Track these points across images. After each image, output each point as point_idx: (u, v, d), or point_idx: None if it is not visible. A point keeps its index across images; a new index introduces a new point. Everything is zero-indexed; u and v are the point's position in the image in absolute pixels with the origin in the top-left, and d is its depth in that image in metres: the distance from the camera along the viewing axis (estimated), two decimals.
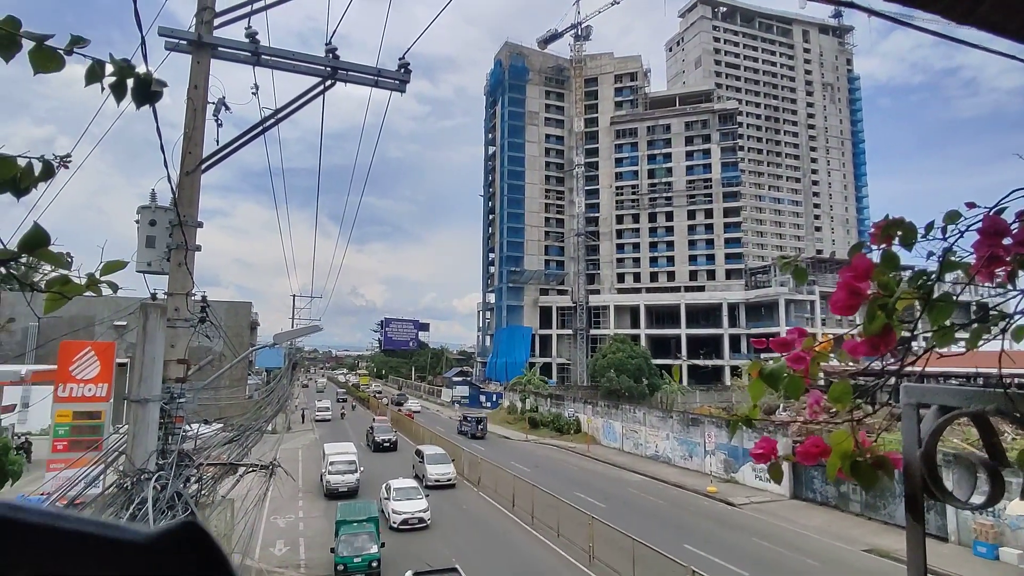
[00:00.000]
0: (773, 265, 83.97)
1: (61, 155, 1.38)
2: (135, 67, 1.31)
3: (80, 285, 1.23)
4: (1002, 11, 1.30)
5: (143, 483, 4.87)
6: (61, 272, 1.20)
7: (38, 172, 1.24)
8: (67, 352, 16.05)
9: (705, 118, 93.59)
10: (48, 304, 1.23)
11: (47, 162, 1.25)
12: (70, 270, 1.21)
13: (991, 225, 1.21)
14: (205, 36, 6.64)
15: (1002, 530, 20.68)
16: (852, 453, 1.32)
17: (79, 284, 1.23)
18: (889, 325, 1.25)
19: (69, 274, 1.21)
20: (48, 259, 1.15)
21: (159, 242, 6.48)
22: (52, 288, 1.20)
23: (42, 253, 1.13)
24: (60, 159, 1.36)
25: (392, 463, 36.65)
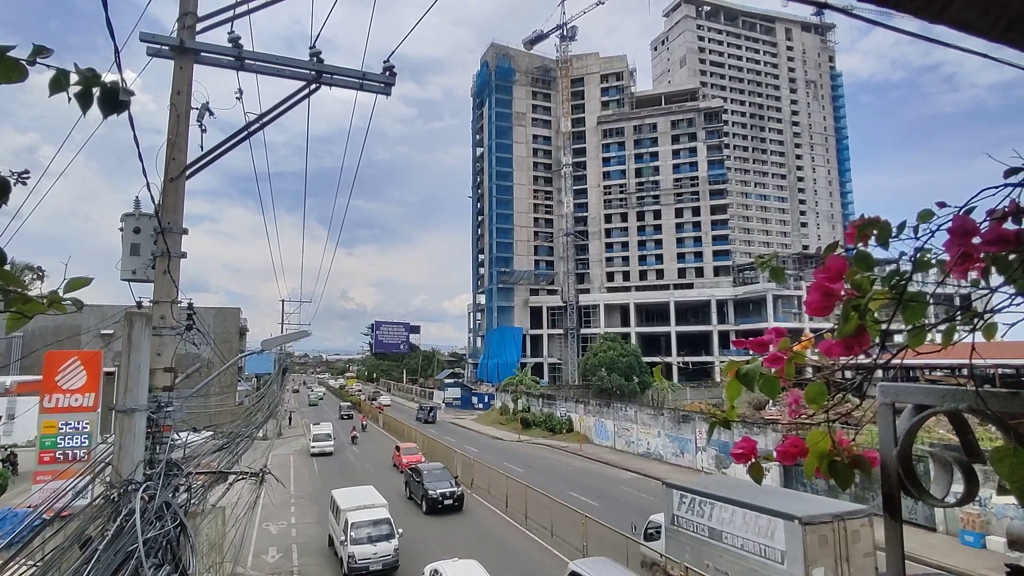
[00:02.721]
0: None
1: (18, 171, 1.35)
2: (100, 76, 1.29)
3: (40, 304, 1.20)
4: (973, 9, 1.32)
5: (130, 494, 4.82)
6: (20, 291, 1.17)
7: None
8: (53, 362, 15.83)
9: (691, 116, 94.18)
10: (9, 323, 1.21)
11: (2, 179, 1.22)
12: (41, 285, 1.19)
13: (960, 225, 1.23)
14: (187, 41, 6.59)
15: (988, 519, 20.96)
16: (829, 452, 1.34)
17: (39, 303, 1.20)
18: (863, 325, 1.27)
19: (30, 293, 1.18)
20: (5, 279, 1.12)
21: (144, 250, 6.42)
22: (12, 308, 1.18)
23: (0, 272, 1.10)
24: (17, 175, 1.34)
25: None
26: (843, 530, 14.02)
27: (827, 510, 14.62)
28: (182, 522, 5.05)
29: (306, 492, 30.87)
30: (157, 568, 4.59)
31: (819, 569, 13.53)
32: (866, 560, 14.14)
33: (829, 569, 13.59)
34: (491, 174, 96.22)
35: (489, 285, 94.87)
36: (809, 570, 13.44)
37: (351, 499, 21.10)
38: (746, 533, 15.09)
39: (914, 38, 1.98)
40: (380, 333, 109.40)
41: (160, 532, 4.75)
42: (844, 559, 13.78)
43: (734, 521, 15.49)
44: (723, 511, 15.91)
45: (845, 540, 13.96)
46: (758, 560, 14.61)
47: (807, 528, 13.64)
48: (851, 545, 14.04)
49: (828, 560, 13.63)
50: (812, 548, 13.59)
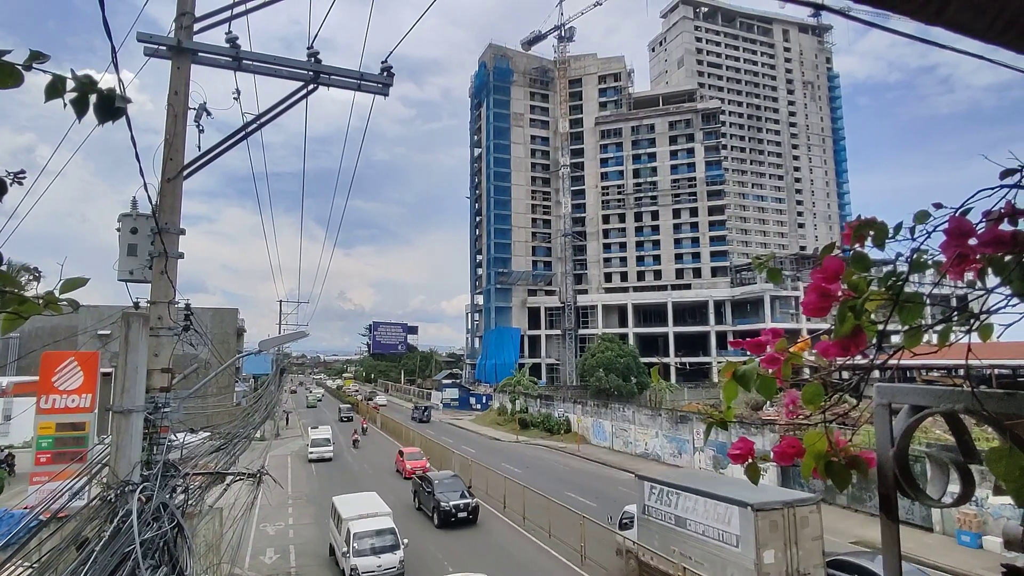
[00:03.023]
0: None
1: (14, 171, 1.35)
2: (97, 82, 1.29)
3: (36, 305, 1.20)
4: (970, 12, 1.32)
5: (127, 495, 4.81)
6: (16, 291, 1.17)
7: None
8: (49, 363, 15.78)
9: (688, 117, 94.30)
10: (4, 324, 1.20)
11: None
12: (37, 285, 1.18)
13: (956, 226, 1.24)
14: (185, 42, 6.58)
15: (985, 519, 21.02)
16: (826, 453, 1.35)
17: (35, 304, 1.20)
18: (859, 326, 1.27)
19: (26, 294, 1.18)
20: (0, 279, 1.12)
21: (141, 250, 6.40)
22: (7, 308, 1.17)
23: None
24: (13, 175, 1.33)
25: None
26: (792, 516, 15.17)
27: (778, 498, 15.95)
28: (179, 523, 5.04)
29: (304, 493, 30.84)
30: (154, 569, 4.58)
31: (769, 551, 14.66)
32: (814, 544, 15.32)
33: (779, 551, 14.71)
34: (489, 175, 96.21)
35: (487, 286, 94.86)
36: (760, 552, 14.56)
37: (353, 507, 19.93)
38: (707, 520, 16.32)
39: (911, 40, 1.99)
40: (378, 334, 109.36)
41: (157, 533, 4.74)
42: (793, 542, 14.94)
43: (697, 509, 16.72)
44: (687, 500, 17.14)
45: (794, 525, 15.10)
46: (717, 544, 15.82)
47: (759, 514, 14.79)
48: (800, 530, 15.20)
49: (778, 543, 14.79)
50: (763, 532, 14.75)
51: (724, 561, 15.50)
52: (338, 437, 47.58)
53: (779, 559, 14.71)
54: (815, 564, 15.15)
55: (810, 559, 15.11)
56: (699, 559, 16.22)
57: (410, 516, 25.68)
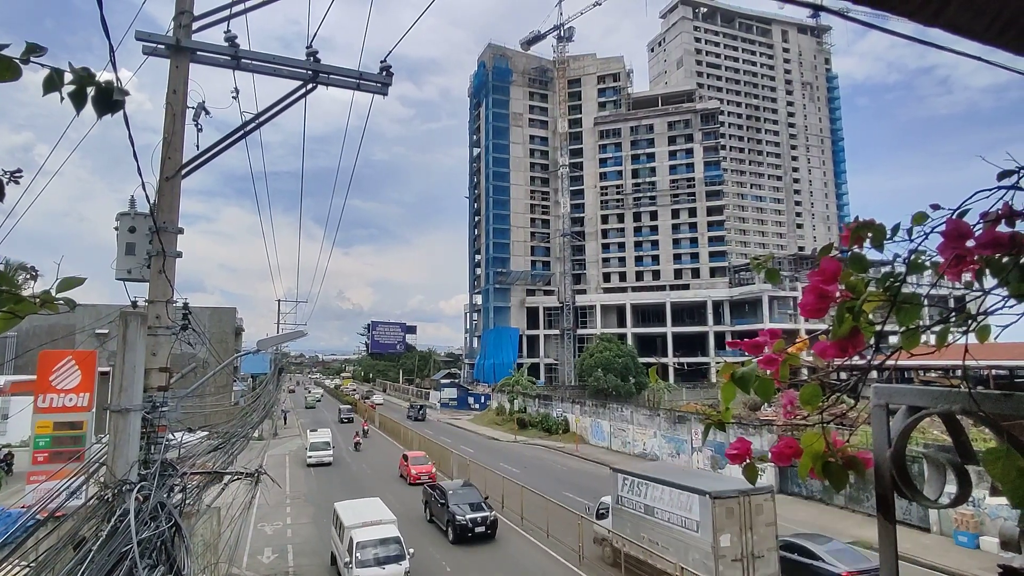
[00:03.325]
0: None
1: (11, 170, 1.34)
2: (95, 75, 1.28)
3: (32, 304, 1.20)
4: (968, 13, 1.33)
5: (125, 494, 4.80)
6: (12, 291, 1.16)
7: None
8: (47, 362, 15.75)
9: (687, 118, 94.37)
10: (0, 323, 1.20)
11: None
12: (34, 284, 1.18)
13: (954, 228, 1.24)
14: (184, 40, 6.57)
15: (982, 520, 21.07)
16: (823, 454, 1.35)
17: (31, 303, 1.19)
18: (857, 327, 1.28)
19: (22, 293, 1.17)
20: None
21: (139, 249, 6.40)
22: (3, 307, 1.17)
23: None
24: (10, 174, 1.33)
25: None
26: (748, 504, 16.40)
27: (734, 487, 16.94)
28: (177, 522, 5.03)
29: (302, 493, 30.81)
30: (152, 569, 4.57)
31: (726, 535, 15.96)
32: (767, 529, 16.60)
33: (735, 536, 16.02)
34: (488, 174, 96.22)
35: (486, 285, 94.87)
36: (717, 536, 15.87)
37: (356, 514, 19.01)
38: (672, 508, 17.68)
39: (909, 41, 1.99)
40: (376, 333, 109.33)
41: (155, 533, 4.73)
42: (748, 528, 16.21)
43: (663, 498, 18.08)
44: (655, 490, 18.50)
45: (749, 512, 16.35)
46: (680, 530, 17.18)
47: (716, 501, 16.09)
48: (754, 516, 16.45)
49: (734, 528, 16.10)
50: (720, 518, 16.04)
51: (686, 545, 16.80)
52: (338, 440, 45.83)
53: (735, 543, 15.99)
54: (769, 548, 16.42)
55: (764, 543, 16.37)
56: (665, 544, 17.53)
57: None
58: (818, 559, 16.52)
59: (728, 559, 15.83)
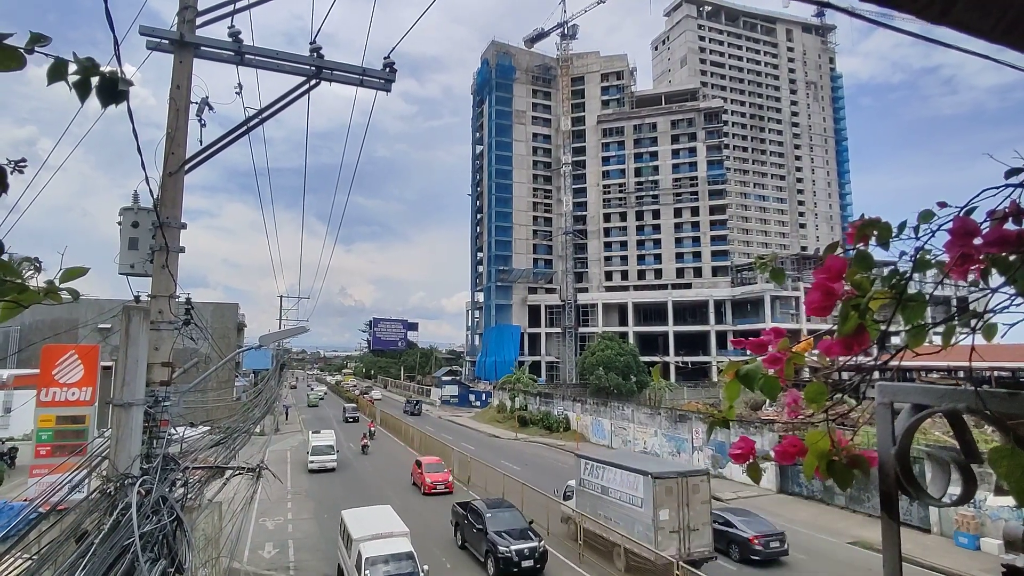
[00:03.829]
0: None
1: (15, 159, 1.34)
2: (99, 65, 1.28)
3: (36, 293, 1.20)
4: (975, 11, 1.32)
5: (127, 488, 4.81)
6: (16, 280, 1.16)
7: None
8: (50, 356, 15.79)
9: (691, 116, 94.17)
10: (3, 312, 1.20)
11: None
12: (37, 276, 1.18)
13: (961, 226, 1.23)
14: (187, 35, 6.57)
15: (983, 521, 21.04)
16: (828, 452, 1.34)
17: (35, 292, 1.19)
18: (863, 325, 1.27)
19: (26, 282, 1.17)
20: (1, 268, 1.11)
21: (142, 244, 6.41)
22: (7, 296, 1.17)
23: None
24: (14, 163, 1.33)
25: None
26: (685, 484, 18.78)
27: (674, 469, 20.11)
28: (179, 516, 5.05)
29: (303, 488, 30.87)
30: (153, 562, 4.58)
31: (664, 510, 18.34)
32: (703, 506, 19.00)
33: (672, 511, 18.41)
34: (491, 172, 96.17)
35: (488, 283, 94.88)
36: (657, 511, 18.25)
37: (365, 524, 17.64)
38: (622, 488, 19.93)
39: (916, 39, 1.98)
40: (378, 330, 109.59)
41: (156, 526, 4.74)
42: (685, 504, 18.61)
43: (616, 480, 20.33)
44: (610, 473, 20.78)
45: (686, 491, 18.71)
46: (629, 507, 19.43)
47: (656, 481, 18.48)
48: (691, 495, 18.77)
49: (672, 504, 18.47)
50: (660, 496, 18.41)
51: (633, 519, 19.16)
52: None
53: (673, 517, 18.36)
54: (703, 522, 18.83)
55: (699, 518, 18.77)
56: (617, 519, 19.82)
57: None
58: (733, 527, 20.28)
59: (667, 531, 18.20)
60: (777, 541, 20.01)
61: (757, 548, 19.65)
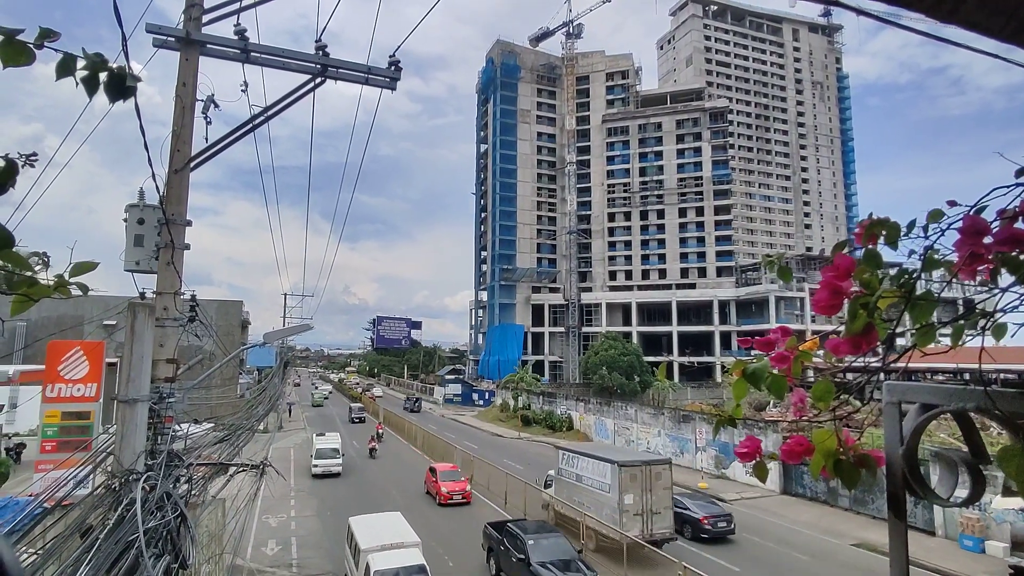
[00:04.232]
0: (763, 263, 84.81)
1: (26, 153, 1.35)
2: (107, 60, 1.29)
3: (47, 287, 1.20)
4: (985, 10, 1.31)
5: (131, 484, 4.83)
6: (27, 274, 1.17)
7: (1, 171, 1.20)
8: (55, 352, 15.86)
9: (696, 116, 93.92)
10: (15, 306, 1.20)
11: (10, 160, 1.22)
12: (46, 271, 1.18)
13: (971, 224, 1.22)
14: (193, 33, 6.58)
15: (988, 524, 20.94)
16: (835, 452, 1.34)
17: (46, 286, 1.20)
18: (871, 324, 1.26)
19: (36, 276, 1.18)
20: (12, 261, 1.12)
21: (147, 241, 6.42)
22: (18, 290, 1.17)
23: (6, 255, 1.10)
24: (25, 157, 1.33)
25: None
26: (649, 471, 20.83)
27: (639, 458, 22.42)
28: (182, 513, 5.07)
29: (306, 486, 30.94)
30: (157, 558, 4.60)
31: (629, 495, 20.26)
32: (665, 492, 20.96)
33: (636, 495, 20.34)
34: (495, 171, 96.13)
35: (491, 282, 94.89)
36: (622, 496, 20.18)
37: (373, 533, 16.71)
38: (593, 475, 21.95)
39: (924, 38, 1.97)
40: (382, 328, 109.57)
41: (161, 522, 4.76)
42: (648, 490, 20.59)
43: (588, 468, 22.41)
44: (583, 462, 22.88)
45: (650, 478, 20.73)
46: (598, 492, 21.40)
47: (622, 469, 20.52)
48: (654, 481, 20.78)
49: (636, 490, 20.43)
50: (625, 482, 20.38)
51: (601, 503, 21.06)
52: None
53: (636, 501, 20.28)
54: (665, 506, 20.75)
55: (661, 503, 20.73)
56: (589, 504, 21.68)
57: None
58: (688, 509, 22.44)
59: (631, 513, 20.10)
60: (724, 521, 22.30)
61: (707, 527, 21.90)
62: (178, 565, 4.92)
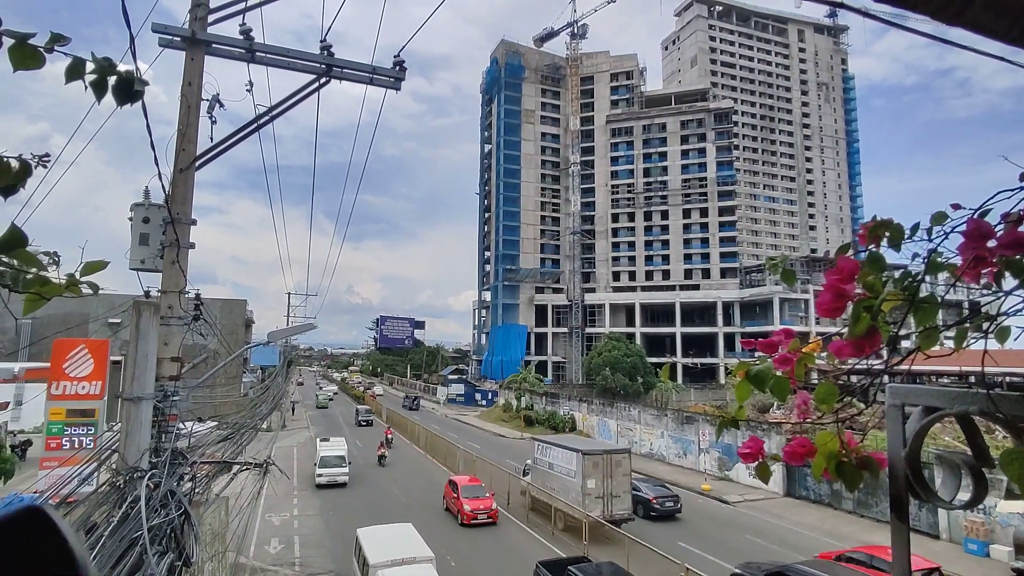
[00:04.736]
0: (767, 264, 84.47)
1: (39, 154, 1.36)
2: (116, 65, 1.30)
3: (59, 286, 1.22)
4: (991, 13, 1.30)
5: (136, 481, 4.86)
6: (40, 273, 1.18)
7: (15, 171, 1.22)
8: (61, 350, 15.96)
9: (700, 117, 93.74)
10: (27, 305, 1.22)
11: (24, 161, 1.24)
12: (56, 269, 1.20)
13: (975, 228, 1.22)
14: (199, 33, 6.61)
15: (992, 527, 20.84)
16: (837, 454, 1.34)
17: (58, 285, 1.21)
18: (875, 327, 1.26)
19: (49, 275, 1.20)
20: (25, 260, 1.13)
21: (153, 239, 6.45)
22: (31, 289, 1.19)
23: (19, 254, 1.11)
24: (38, 158, 1.35)
25: None
26: (609, 459, 23.42)
27: (601, 448, 25.43)
28: (186, 511, 5.09)
29: (309, 485, 30.99)
30: (161, 556, 4.62)
31: (591, 480, 22.76)
32: (624, 478, 23.47)
33: (598, 480, 22.83)
34: (499, 171, 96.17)
35: (495, 282, 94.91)
36: (585, 480, 22.67)
37: (383, 547, 15.62)
38: (562, 463, 24.43)
39: (929, 40, 1.97)
40: (385, 328, 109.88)
41: (164, 520, 4.78)
42: (609, 476, 23.08)
43: (558, 457, 24.94)
44: (555, 451, 25.41)
45: (610, 465, 23.26)
46: (566, 478, 23.84)
47: (585, 457, 23.09)
48: (615, 468, 23.27)
49: (598, 475, 22.91)
50: (587, 468, 22.85)
51: (568, 488, 23.43)
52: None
53: (598, 485, 22.76)
54: (624, 490, 23.33)
55: (621, 487, 23.24)
56: (559, 489, 24.05)
57: None
58: (640, 491, 25.26)
59: (593, 496, 22.50)
60: (671, 502, 25.52)
61: (656, 507, 25.08)
62: (182, 563, 4.94)
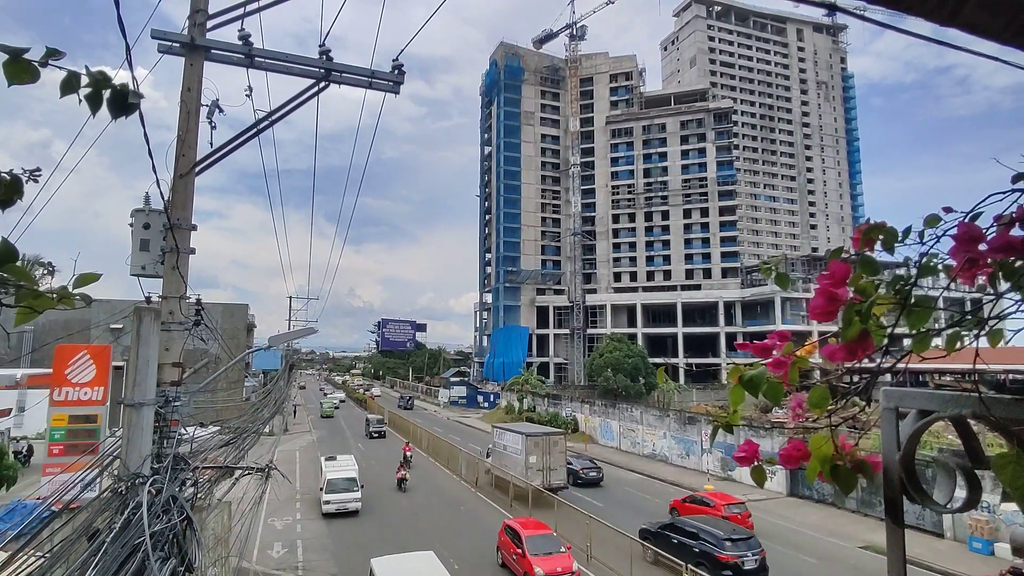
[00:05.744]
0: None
1: (30, 168, 1.38)
2: (111, 78, 1.31)
3: (50, 299, 1.23)
4: (985, 13, 1.31)
5: (138, 487, 4.86)
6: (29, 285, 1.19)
7: (6, 185, 1.23)
8: (62, 356, 15.96)
9: (700, 117, 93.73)
10: (18, 318, 1.23)
11: (15, 176, 1.25)
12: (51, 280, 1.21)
13: (966, 231, 1.23)
14: (198, 38, 6.63)
15: (997, 526, 20.79)
16: (831, 457, 1.34)
17: (49, 299, 1.22)
18: (866, 330, 1.27)
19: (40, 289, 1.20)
20: (16, 274, 1.14)
21: (153, 245, 6.46)
22: (23, 302, 1.20)
23: (10, 268, 1.12)
24: (29, 172, 1.36)
25: None
26: (548, 440, 29.05)
27: (541, 432, 30.62)
28: (188, 516, 5.09)
29: (311, 488, 30.97)
30: (163, 561, 4.63)
31: (533, 456, 28.20)
32: (560, 454, 29.11)
33: (538, 457, 28.25)
34: (499, 173, 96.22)
35: (496, 284, 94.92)
36: (528, 457, 28.11)
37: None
38: (513, 444, 29.90)
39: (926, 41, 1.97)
40: (387, 331, 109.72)
41: (167, 525, 4.79)
42: (547, 453, 28.57)
43: (510, 439, 30.51)
44: (508, 436, 30.92)
45: (548, 444, 28.83)
46: (515, 456, 29.29)
47: (528, 438, 28.58)
48: (552, 447, 28.82)
49: (538, 453, 28.38)
50: (529, 447, 28.31)
51: (517, 463, 28.77)
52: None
53: (538, 460, 28.19)
54: (560, 464, 28.91)
55: (557, 462, 28.83)
56: (511, 466, 29.39)
57: None
58: (571, 464, 31.25)
59: (534, 469, 27.81)
60: (595, 472, 32.07)
61: (581, 476, 31.42)
62: (184, 568, 4.94)
